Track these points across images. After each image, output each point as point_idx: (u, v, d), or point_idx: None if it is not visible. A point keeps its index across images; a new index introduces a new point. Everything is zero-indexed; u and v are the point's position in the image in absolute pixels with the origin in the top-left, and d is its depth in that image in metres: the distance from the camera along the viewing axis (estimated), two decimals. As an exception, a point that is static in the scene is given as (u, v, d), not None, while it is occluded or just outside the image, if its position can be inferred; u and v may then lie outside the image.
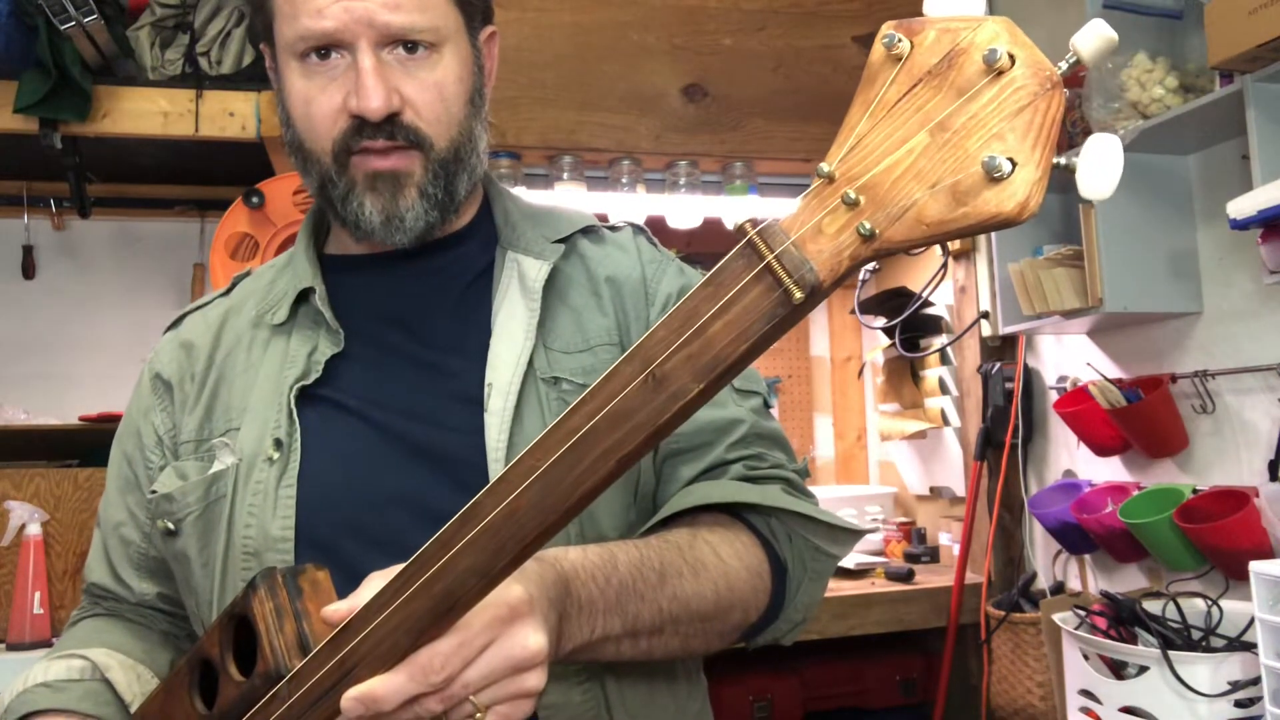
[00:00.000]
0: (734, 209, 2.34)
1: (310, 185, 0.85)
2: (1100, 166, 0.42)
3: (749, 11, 2.31)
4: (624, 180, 2.26)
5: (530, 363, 0.83)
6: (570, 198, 2.18)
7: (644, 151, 2.23)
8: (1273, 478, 1.67)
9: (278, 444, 0.82)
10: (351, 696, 0.57)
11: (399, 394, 0.84)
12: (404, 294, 0.89)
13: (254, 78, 2.14)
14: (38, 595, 1.85)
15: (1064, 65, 0.44)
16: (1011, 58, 0.42)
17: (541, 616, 0.61)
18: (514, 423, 0.81)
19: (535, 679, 0.61)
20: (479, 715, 0.59)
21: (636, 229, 0.97)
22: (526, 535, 0.52)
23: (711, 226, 2.40)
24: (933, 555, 2.63)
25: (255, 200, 1.88)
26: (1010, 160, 0.41)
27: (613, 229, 0.97)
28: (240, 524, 0.81)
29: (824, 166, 0.44)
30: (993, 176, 0.41)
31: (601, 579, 0.70)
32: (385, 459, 0.82)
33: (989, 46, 0.42)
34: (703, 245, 2.85)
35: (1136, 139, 1.79)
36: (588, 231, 0.94)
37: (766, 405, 0.92)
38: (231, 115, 2.10)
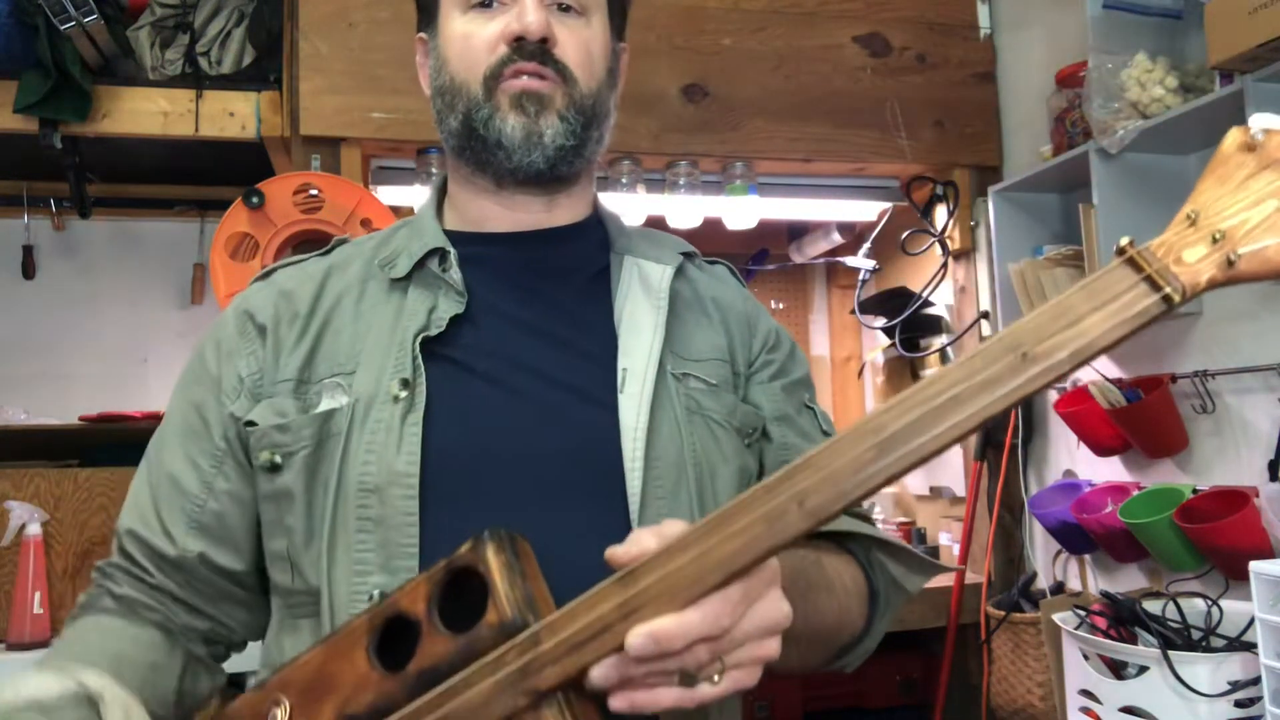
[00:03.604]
0: (734, 209, 2.34)
1: (453, 123, 0.88)
2: None
3: (749, 11, 2.31)
4: (624, 180, 2.25)
5: (660, 357, 0.86)
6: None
7: (644, 151, 2.23)
8: (1273, 478, 1.67)
9: (404, 384, 0.81)
10: (642, 632, 0.56)
11: (527, 360, 0.85)
12: (528, 274, 0.90)
13: (254, 78, 2.15)
14: (38, 595, 1.85)
15: None
16: None
17: None
18: (651, 408, 0.82)
19: (776, 645, 0.61)
20: (717, 677, 0.59)
21: (729, 267, 1.04)
22: (869, 484, 0.57)
23: (711, 226, 2.39)
24: (933, 555, 2.63)
25: (255, 200, 1.88)
26: None
27: (711, 261, 1.03)
28: (356, 460, 0.80)
29: (1191, 213, 0.58)
30: None
31: None
32: (513, 417, 0.82)
33: None
34: (703, 245, 2.84)
35: (1136, 139, 1.79)
36: (689, 256, 0.99)
37: None
38: (231, 115, 2.11)
